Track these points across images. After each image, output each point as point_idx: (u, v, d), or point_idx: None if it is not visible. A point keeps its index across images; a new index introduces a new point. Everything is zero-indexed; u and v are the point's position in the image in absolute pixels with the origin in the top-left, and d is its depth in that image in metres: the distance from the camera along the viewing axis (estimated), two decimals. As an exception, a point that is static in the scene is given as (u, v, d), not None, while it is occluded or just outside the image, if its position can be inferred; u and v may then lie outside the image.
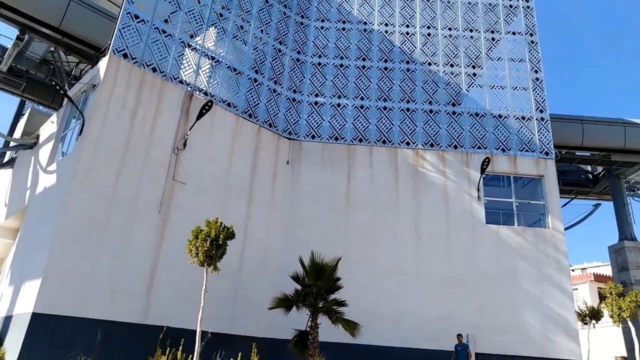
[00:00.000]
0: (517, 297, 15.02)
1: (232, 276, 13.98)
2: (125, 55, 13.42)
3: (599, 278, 44.49)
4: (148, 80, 13.77)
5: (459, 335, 13.25)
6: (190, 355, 9.38)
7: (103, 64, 13.07)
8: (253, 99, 16.42)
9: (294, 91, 17.56)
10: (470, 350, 12.68)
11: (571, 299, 15.18)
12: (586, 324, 15.30)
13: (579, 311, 14.38)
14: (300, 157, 16.78)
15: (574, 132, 22.30)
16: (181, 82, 14.67)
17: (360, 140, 17.03)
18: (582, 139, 22.38)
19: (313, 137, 17.03)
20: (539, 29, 19.20)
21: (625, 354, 31.98)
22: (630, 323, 12.97)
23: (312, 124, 17.22)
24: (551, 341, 14.55)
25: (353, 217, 15.92)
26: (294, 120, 17.20)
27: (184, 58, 15.04)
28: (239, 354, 10.06)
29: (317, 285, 11.48)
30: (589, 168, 27.38)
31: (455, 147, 17.08)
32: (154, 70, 14.03)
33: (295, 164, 16.67)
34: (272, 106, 16.88)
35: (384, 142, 17.02)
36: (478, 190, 16.42)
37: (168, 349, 10.01)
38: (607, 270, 47.19)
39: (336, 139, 17.03)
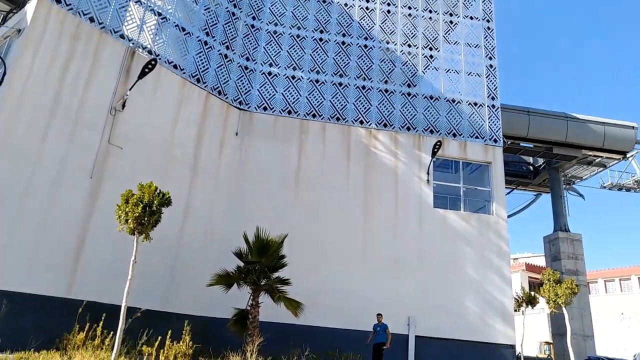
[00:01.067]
0: (460, 281, 15.20)
1: (170, 250, 13.14)
2: (58, 0, 11.97)
3: (530, 268, 47.06)
4: (84, 31, 12.41)
5: (379, 315, 12.83)
6: (112, 332, 8.56)
7: (31, 6, 11.58)
8: (202, 63, 15.34)
9: (247, 59, 16.61)
10: (389, 330, 12.40)
11: (509, 285, 15.55)
12: (519, 309, 15.76)
13: (516, 297, 14.74)
14: (251, 129, 15.98)
15: (520, 123, 22.77)
16: (122, 36, 13.37)
17: (314, 116, 16.43)
18: (528, 130, 22.91)
19: (265, 108, 16.24)
20: (496, 17, 19.23)
21: (549, 339, 34.06)
22: (564, 309, 13.40)
23: (265, 95, 16.41)
24: (488, 326, 14.87)
25: (302, 195, 15.41)
26: (246, 89, 16.30)
27: (127, 11, 13.70)
28: (169, 332, 9.34)
29: (261, 262, 10.92)
30: (530, 160, 28.33)
31: (409, 128, 16.89)
32: (92, 20, 12.66)
33: (245, 135, 15.86)
34: (222, 73, 15.87)
35: (337, 119, 16.53)
36: (428, 173, 16.36)
37: (88, 324, 9.13)
38: (538, 261, 49.98)
39: (289, 112, 16.34)
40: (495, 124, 17.72)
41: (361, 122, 16.63)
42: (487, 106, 17.90)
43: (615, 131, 23.31)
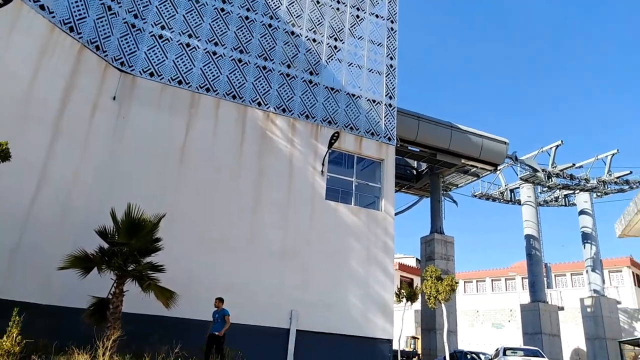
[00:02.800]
0: (345, 275, 14.95)
1: (15, 226, 10.87)
2: None
3: (402, 267, 49.90)
4: None
5: (218, 300, 11.06)
6: None
7: None
8: (78, 10, 13.07)
9: (135, 16, 14.61)
10: (228, 317, 10.75)
11: (392, 281, 15.73)
12: (399, 304, 16.06)
13: (398, 293, 14.93)
14: (132, 95, 14.04)
15: (410, 127, 23.53)
16: (-28, -43, 10.73)
17: (208, 90, 15.00)
18: (417, 134, 23.78)
19: (152, 74, 14.40)
20: (400, 19, 19.54)
21: (415, 334, 36.16)
22: (443, 306, 13.79)
23: (153, 59, 14.57)
24: (369, 320, 14.83)
25: (187, 174, 13.91)
26: (131, 49, 14.30)
27: None
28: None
29: (130, 244, 9.37)
30: (415, 164, 29.69)
31: (307, 117, 16.29)
32: None
33: (125, 101, 13.88)
34: (103, 26, 13.72)
35: (234, 97, 15.30)
36: (323, 164, 15.92)
37: None
38: (407, 262, 53.23)
39: (180, 82, 14.70)
40: (390, 123, 17.91)
41: (259, 104, 15.61)
42: (385, 104, 18.04)
43: (490, 144, 25.25)
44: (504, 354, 14.84)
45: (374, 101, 17.83)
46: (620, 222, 5.94)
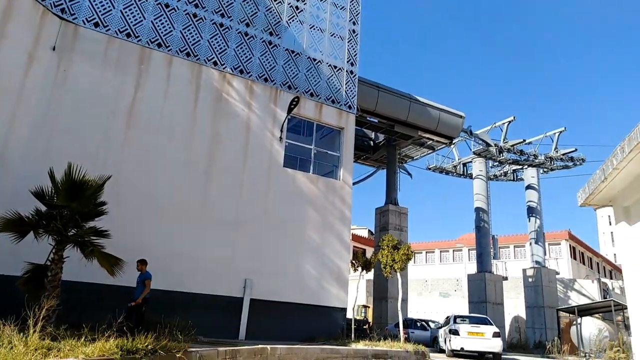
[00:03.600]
0: (301, 244, 14.72)
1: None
2: None
3: (355, 238, 50.59)
4: None
5: (140, 262, 10.25)
6: None
7: None
8: (10, -54, 11.62)
9: (77, -42, 13.22)
10: (149, 281, 10.02)
11: (348, 250, 15.67)
12: (355, 272, 16.06)
13: (354, 262, 14.90)
14: (74, 46, 12.81)
15: (370, 97, 23.22)
16: None
17: (159, 46, 13.96)
18: (376, 105, 23.54)
19: (97, 25, 13.18)
20: (364, -16, 18.90)
21: (365, 303, 36.96)
22: (398, 275, 13.85)
23: (98, 8, 13.31)
24: (324, 289, 14.75)
25: (136, 136, 13.00)
26: (72, -5, 12.97)
27: None
28: None
29: (71, 207, 8.59)
30: (372, 136, 29.61)
31: (266, 80, 15.59)
32: None
33: (66, 53, 12.65)
34: (40, -34, 12.31)
35: (188, 54, 14.34)
36: (282, 130, 15.38)
37: None
38: (361, 233, 54.03)
39: (128, 35, 13.56)
40: (351, 90, 17.52)
41: (215, 63, 14.73)
42: (346, 71, 17.59)
43: (447, 117, 25.43)
44: (454, 322, 15.24)
45: (335, 67, 17.32)
46: (584, 190, 5.96)
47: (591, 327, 23.15)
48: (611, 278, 56.41)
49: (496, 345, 14.08)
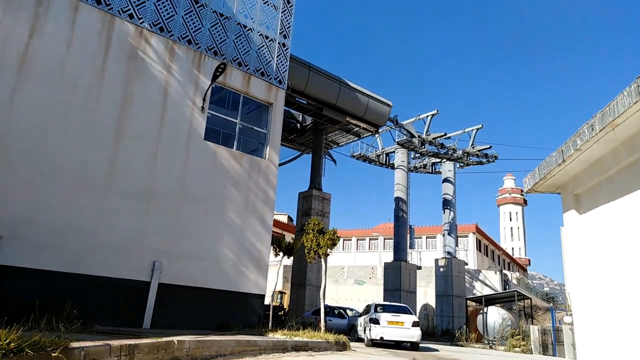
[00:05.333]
0: (219, 224, 13.52)
1: None
2: None
3: (275, 223, 49.61)
4: None
5: None
6: None
7: None
8: None
9: None
10: None
11: (270, 233, 14.72)
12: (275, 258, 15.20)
13: (275, 246, 13.99)
14: (-51, -28, 10.45)
15: (300, 76, 22.25)
16: None
17: (63, -14, 11.90)
18: (306, 85, 22.65)
19: (-19, -50, 10.86)
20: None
21: (281, 289, 36.38)
22: (322, 260, 13.18)
23: None
24: (242, 274, 13.71)
25: (29, 88, 10.91)
26: None
27: None
28: None
29: None
30: (300, 118, 28.74)
31: (190, 42, 14.03)
32: None
33: (-63, -21, 10.27)
34: None
35: (98, 2, 12.38)
36: (204, 100, 13.95)
37: None
38: (280, 218, 53.29)
39: (22, -31, 11.37)
40: (282, 64, 16.47)
41: (131, 16, 12.92)
42: (278, 43, 16.48)
43: (375, 105, 25.22)
44: (375, 310, 14.95)
45: (267, 37, 16.13)
46: (532, 175, 5.64)
47: (495, 316, 24.40)
48: (509, 270, 61.01)
49: (415, 335, 13.97)
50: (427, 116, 32.01)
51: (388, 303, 16.92)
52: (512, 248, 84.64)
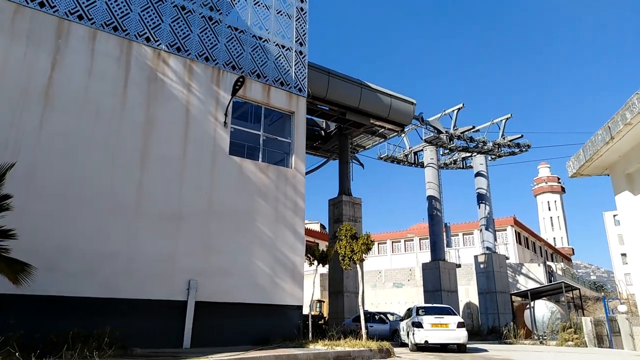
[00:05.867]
0: (251, 238, 13.42)
1: None
2: None
3: (307, 232, 49.55)
4: None
5: None
6: None
7: None
8: None
9: None
10: None
11: (302, 243, 14.54)
12: (310, 267, 14.99)
13: (309, 255, 13.79)
14: (-28, 14, 10.80)
15: (320, 83, 22.14)
16: None
17: (80, 18, 12.13)
18: (327, 91, 22.49)
19: (0, -10, 11.20)
20: (312, -41, 17.72)
21: (320, 298, 36.11)
22: (358, 267, 12.88)
23: (2, -30, 11.32)
24: (278, 287, 13.56)
25: (54, 118, 11.15)
26: (-32, -46, 10.93)
27: None
28: None
29: (-40, 201, 6.91)
30: (323, 125, 28.60)
31: (207, 59, 14.09)
32: None
33: (-39, 22, 10.63)
34: None
35: (115, 28, 12.60)
36: (226, 115, 13.96)
37: None
38: (313, 227, 53.15)
39: (41, 5, 11.67)
40: (301, 72, 16.35)
41: (147, 40, 13.08)
42: (295, 51, 16.38)
43: (399, 104, 24.82)
44: (417, 314, 14.50)
45: (283, 47, 16.07)
46: (577, 158, 5.22)
47: (544, 310, 23.40)
48: (553, 261, 58.87)
49: (461, 336, 13.45)
50: (453, 110, 31.29)
51: (430, 305, 16.40)
52: (554, 238, 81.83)
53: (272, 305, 13.24)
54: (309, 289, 16.34)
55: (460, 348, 13.77)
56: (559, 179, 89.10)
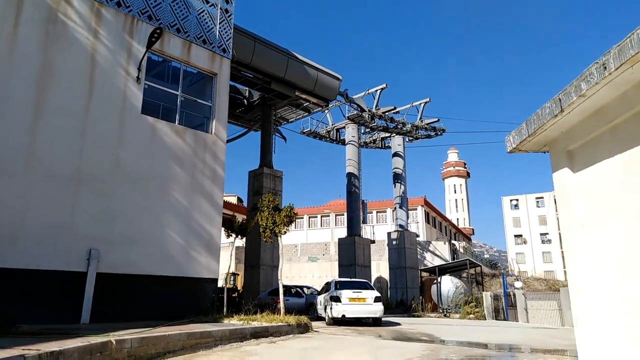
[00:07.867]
0: (163, 205, 12.35)
1: None
2: None
3: (224, 204, 48.11)
4: None
5: None
6: None
7: None
8: None
9: None
10: None
11: (220, 214, 13.71)
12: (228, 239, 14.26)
13: (227, 227, 13.04)
14: None
15: (246, 48, 20.96)
16: None
17: None
18: (252, 57, 21.39)
19: None
20: None
21: (234, 271, 35.42)
22: (279, 238, 12.37)
23: None
24: (191, 258, 12.69)
25: None
26: None
27: None
28: None
29: None
30: (246, 94, 27.41)
31: (119, 4, 12.51)
32: None
33: None
34: None
35: (4, -46, 10.64)
36: (139, 69, 12.56)
37: None
38: (229, 200, 51.84)
39: None
40: (226, 32, 15.22)
41: (46, -27, 11.24)
42: (221, 8, 15.18)
43: (325, 78, 24.41)
44: (335, 288, 14.41)
45: (207, 2, 14.79)
46: (518, 132, 5.10)
47: (449, 285, 24.76)
48: (456, 240, 63.00)
49: (378, 310, 13.59)
50: (376, 90, 31.53)
51: (348, 279, 16.45)
52: (457, 219, 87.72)
53: (186, 278, 12.38)
54: (225, 262, 15.61)
55: (375, 322, 13.95)
56: (465, 164, 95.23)
